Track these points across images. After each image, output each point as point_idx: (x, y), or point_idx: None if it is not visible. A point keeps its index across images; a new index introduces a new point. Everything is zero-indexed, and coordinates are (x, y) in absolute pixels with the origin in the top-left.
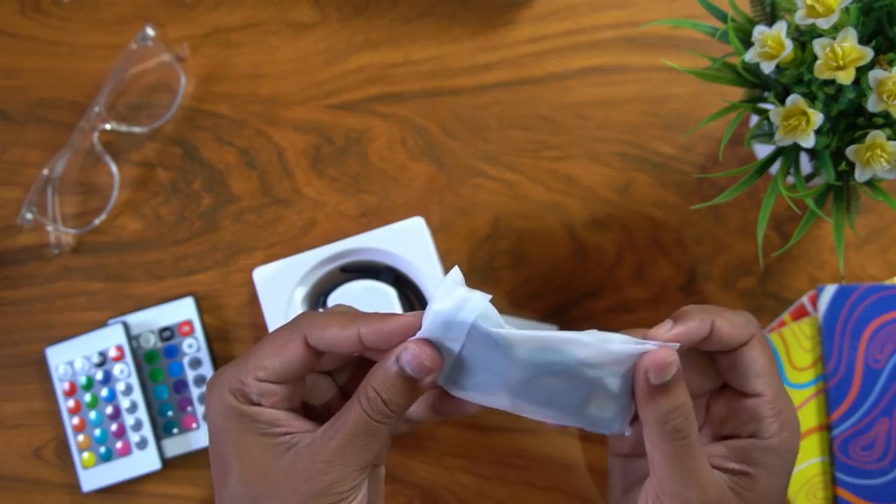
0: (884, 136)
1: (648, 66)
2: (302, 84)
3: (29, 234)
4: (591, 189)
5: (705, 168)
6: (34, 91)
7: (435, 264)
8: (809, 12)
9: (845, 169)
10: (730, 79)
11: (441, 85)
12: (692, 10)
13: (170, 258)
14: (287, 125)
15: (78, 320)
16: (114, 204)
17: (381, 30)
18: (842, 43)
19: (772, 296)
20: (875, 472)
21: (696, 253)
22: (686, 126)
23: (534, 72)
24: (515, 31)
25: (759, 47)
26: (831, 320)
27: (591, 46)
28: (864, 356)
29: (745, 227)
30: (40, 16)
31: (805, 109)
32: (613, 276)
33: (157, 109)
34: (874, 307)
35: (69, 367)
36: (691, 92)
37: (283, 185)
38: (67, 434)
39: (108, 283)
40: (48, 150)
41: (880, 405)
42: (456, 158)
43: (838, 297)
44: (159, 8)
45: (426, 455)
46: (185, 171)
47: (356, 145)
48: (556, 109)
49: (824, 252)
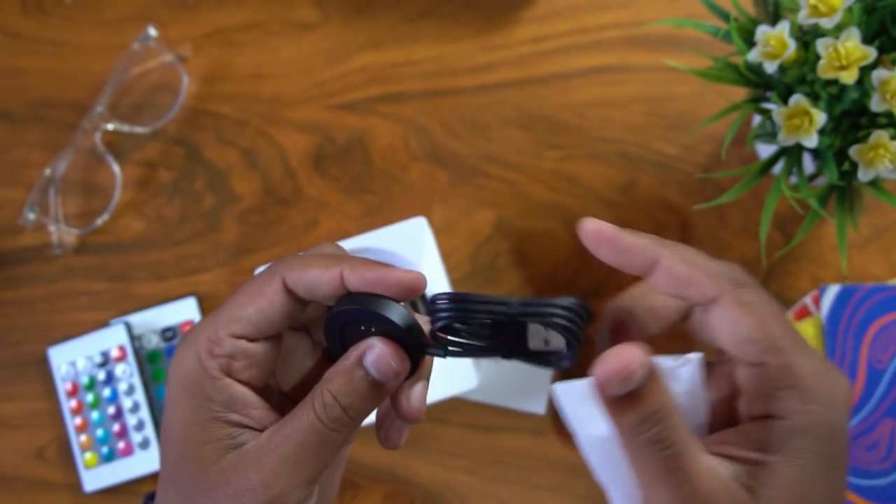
0: (887, 135)
1: (651, 66)
2: (304, 84)
3: (31, 234)
4: (593, 189)
5: (708, 168)
6: (36, 91)
7: (437, 264)
8: (812, 12)
9: (848, 169)
10: (732, 79)
11: (443, 85)
12: (695, 10)
13: (172, 258)
14: (289, 125)
15: (80, 320)
16: (116, 204)
17: (383, 29)
18: (845, 43)
19: (775, 296)
20: (878, 473)
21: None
22: (689, 126)
23: (536, 72)
24: (517, 31)
25: (762, 47)
26: (834, 320)
27: (593, 46)
28: (867, 357)
29: (747, 227)
30: (42, 16)
31: (808, 109)
32: (616, 276)
33: (159, 109)
34: (877, 307)
35: (71, 367)
36: (694, 92)
37: (286, 185)
38: (70, 434)
39: (110, 283)
40: (50, 150)
41: (883, 406)
42: (458, 158)
43: (841, 297)
44: (161, 8)
45: (428, 455)
46: (187, 171)
47: (358, 145)
48: (559, 109)
49: (827, 252)
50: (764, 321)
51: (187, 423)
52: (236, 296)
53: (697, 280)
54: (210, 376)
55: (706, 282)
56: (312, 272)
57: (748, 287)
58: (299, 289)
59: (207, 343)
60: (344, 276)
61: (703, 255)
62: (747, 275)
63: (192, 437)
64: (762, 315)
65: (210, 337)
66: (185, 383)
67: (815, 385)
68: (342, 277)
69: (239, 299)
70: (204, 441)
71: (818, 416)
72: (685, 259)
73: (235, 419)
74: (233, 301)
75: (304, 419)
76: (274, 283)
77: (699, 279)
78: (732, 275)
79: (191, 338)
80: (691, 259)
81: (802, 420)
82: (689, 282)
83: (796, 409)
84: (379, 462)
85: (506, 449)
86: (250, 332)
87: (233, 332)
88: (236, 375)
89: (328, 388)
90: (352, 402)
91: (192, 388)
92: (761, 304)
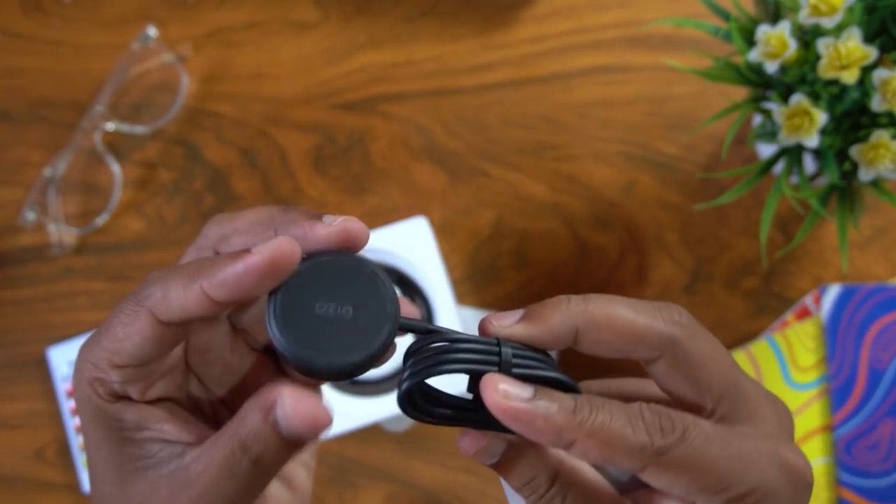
0: (888, 135)
1: (651, 66)
2: (304, 84)
3: (31, 234)
4: (593, 189)
5: (708, 168)
6: (36, 91)
7: (438, 264)
8: (813, 11)
9: (849, 169)
10: (733, 78)
11: (443, 84)
12: (695, 10)
13: (172, 258)
14: (289, 125)
15: (80, 320)
16: (116, 204)
17: (383, 29)
18: (846, 42)
19: (775, 296)
20: (879, 473)
21: (700, 253)
22: (689, 126)
23: (536, 71)
24: (518, 31)
25: (763, 47)
26: (835, 320)
27: (593, 46)
28: (868, 357)
29: (748, 226)
30: (42, 15)
31: (809, 109)
32: (616, 276)
33: (158, 109)
34: (878, 307)
35: (71, 367)
36: (694, 91)
37: (286, 185)
38: (69, 434)
39: (110, 283)
40: (50, 149)
41: (884, 406)
42: (458, 158)
43: (842, 297)
44: (161, 8)
45: (428, 456)
46: (187, 170)
47: (358, 145)
48: (559, 109)
49: (828, 252)
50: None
51: (102, 446)
52: (110, 321)
53: (616, 461)
54: (107, 403)
55: (625, 461)
56: (173, 295)
57: (673, 448)
58: (169, 316)
59: (94, 371)
60: (205, 290)
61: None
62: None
63: (109, 461)
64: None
65: (95, 364)
66: (89, 409)
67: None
68: (204, 292)
69: (114, 328)
70: (122, 462)
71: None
72: (602, 441)
73: (148, 436)
74: (108, 329)
75: (217, 456)
76: (141, 315)
77: (617, 460)
78: (656, 442)
79: (78, 364)
80: (608, 438)
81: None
82: (608, 462)
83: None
84: (379, 462)
85: None
86: (134, 363)
87: (115, 364)
88: (137, 398)
89: (239, 430)
90: (263, 454)
91: (97, 413)
92: (692, 461)
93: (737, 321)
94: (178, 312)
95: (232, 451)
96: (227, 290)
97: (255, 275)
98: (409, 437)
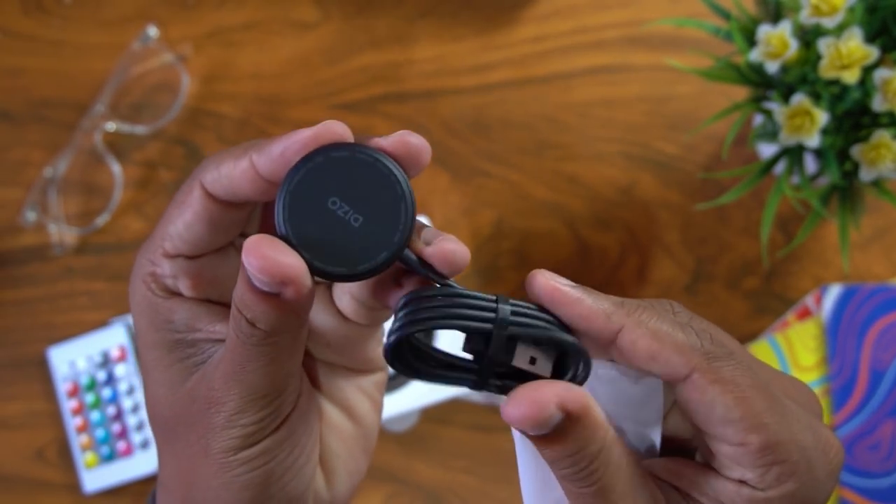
0: (889, 135)
1: (652, 66)
2: (304, 83)
3: (31, 234)
4: (594, 189)
5: (709, 168)
6: (36, 91)
7: None
8: (814, 11)
9: (850, 169)
10: (734, 78)
11: (444, 84)
12: (696, 10)
13: None
14: (290, 125)
15: (80, 320)
16: (116, 204)
17: (383, 29)
18: (847, 42)
19: (776, 296)
20: (880, 474)
21: (700, 253)
22: (690, 126)
23: (537, 71)
24: (518, 31)
25: (764, 46)
26: (836, 321)
27: (594, 46)
28: (869, 357)
29: (749, 226)
30: (42, 15)
31: (810, 109)
32: (617, 276)
33: (159, 109)
34: (879, 307)
35: (72, 367)
36: (695, 91)
37: None
38: (70, 435)
39: (110, 282)
40: (50, 150)
41: (885, 406)
42: (459, 158)
43: (843, 297)
44: (161, 8)
45: (429, 456)
46: (187, 170)
47: None
48: (560, 109)
49: (829, 252)
50: (743, 397)
51: (154, 348)
52: (169, 208)
53: (664, 357)
54: (161, 300)
55: (674, 358)
56: (224, 168)
57: (722, 359)
58: (219, 190)
59: (149, 266)
60: (254, 163)
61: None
62: (724, 339)
63: (160, 362)
64: (740, 391)
65: (150, 259)
66: (143, 311)
67: (800, 462)
68: (252, 165)
69: (170, 211)
70: (171, 363)
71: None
72: (651, 330)
73: (200, 336)
74: (165, 215)
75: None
76: (194, 188)
77: (665, 356)
78: (705, 346)
79: (136, 264)
80: (657, 329)
81: (780, 493)
82: (654, 358)
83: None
84: (379, 462)
85: (506, 449)
86: (186, 250)
87: (167, 252)
88: (188, 294)
89: (234, 295)
90: (256, 316)
91: (150, 314)
92: (739, 377)
93: (738, 321)
94: (226, 184)
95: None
96: (274, 164)
97: (304, 149)
98: (409, 437)
